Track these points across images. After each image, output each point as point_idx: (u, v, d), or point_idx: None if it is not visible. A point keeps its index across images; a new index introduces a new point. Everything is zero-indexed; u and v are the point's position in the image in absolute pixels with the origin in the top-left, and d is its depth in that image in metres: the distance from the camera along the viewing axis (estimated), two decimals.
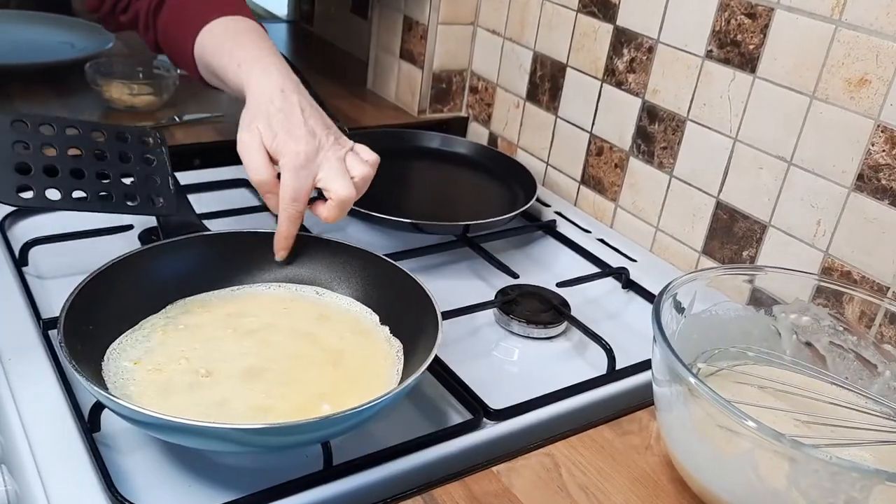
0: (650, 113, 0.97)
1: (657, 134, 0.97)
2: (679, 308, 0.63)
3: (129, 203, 0.75)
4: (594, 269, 0.93)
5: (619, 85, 1.00)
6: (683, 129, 0.93)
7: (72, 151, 0.74)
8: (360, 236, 0.94)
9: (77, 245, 0.83)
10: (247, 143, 0.72)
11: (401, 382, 0.63)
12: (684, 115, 0.93)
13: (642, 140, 0.99)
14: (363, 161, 0.74)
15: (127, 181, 0.76)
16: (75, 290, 0.64)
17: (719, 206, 0.91)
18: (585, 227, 1.02)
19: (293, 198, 0.71)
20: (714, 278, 0.66)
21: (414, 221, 0.89)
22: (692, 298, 0.64)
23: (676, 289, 0.62)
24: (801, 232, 0.83)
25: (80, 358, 0.59)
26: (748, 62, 0.85)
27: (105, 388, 0.60)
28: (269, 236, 0.76)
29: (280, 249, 0.75)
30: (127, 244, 0.85)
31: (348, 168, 0.73)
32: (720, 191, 0.90)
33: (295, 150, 0.70)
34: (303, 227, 0.91)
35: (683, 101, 0.93)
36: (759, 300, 0.75)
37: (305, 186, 0.71)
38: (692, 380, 0.53)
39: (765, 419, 0.59)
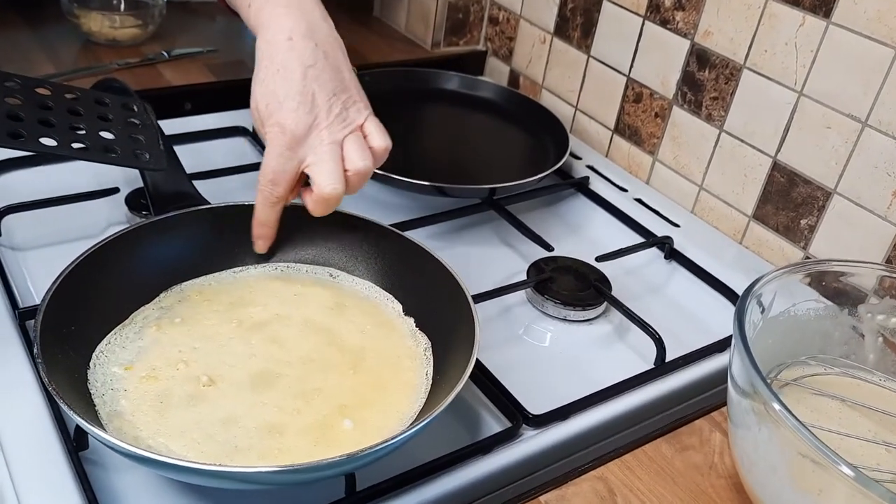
0: (700, 57, 0.86)
1: (707, 82, 0.86)
2: (761, 309, 0.54)
3: (109, 154, 0.64)
4: (633, 236, 0.85)
5: (664, 23, 0.89)
6: (739, 78, 0.82)
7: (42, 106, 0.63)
8: (374, 198, 0.84)
9: (57, 212, 0.74)
10: (252, 117, 0.61)
11: (432, 402, 0.55)
12: (741, 62, 0.82)
13: (689, 88, 0.88)
14: (364, 150, 0.60)
15: (105, 135, 0.65)
16: (53, 285, 0.54)
17: (776, 167, 0.81)
18: (621, 185, 0.92)
19: (271, 180, 0.60)
20: (799, 273, 0.57)
21: (436, 184, 0.79)
22: (772, 298, 0.55)
23: (762, 288, 0.53)
24: (873, 202, 0.74)
25: (62, 369, 0.51)
26: (822, 5, 0.74)
27: (93, 407, 0.52)
28: None
29: (256, 237, 0.64)
30: (112, 209, 0.76)
31: (345, 156, 0.59)
32: (778, 150, 0.80)
33: (280, 125, 0.58)
34: None
35: (741, 47, 0.81)
36: (820, 277, 0.67)
37: (286, 170, 0.59)
38: (777, 406, 0.46)
39: (852, 449, 0.52)
